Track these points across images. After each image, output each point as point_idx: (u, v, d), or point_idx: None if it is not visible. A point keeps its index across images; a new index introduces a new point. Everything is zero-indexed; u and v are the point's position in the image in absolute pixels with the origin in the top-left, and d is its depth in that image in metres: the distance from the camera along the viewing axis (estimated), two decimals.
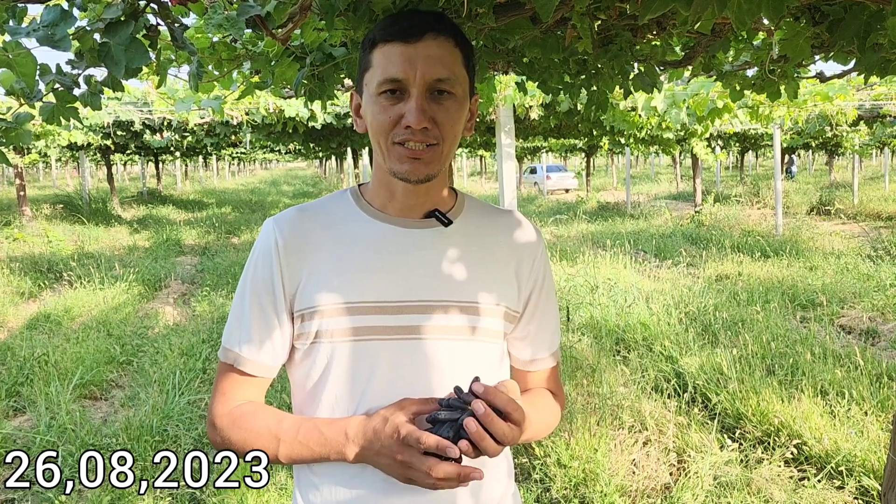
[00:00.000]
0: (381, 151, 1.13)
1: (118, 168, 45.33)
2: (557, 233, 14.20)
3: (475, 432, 1.01)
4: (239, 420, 1.16)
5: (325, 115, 8.30)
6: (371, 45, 1.12)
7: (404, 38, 1.08)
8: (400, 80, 1.08)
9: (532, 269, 1.26)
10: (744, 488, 3.42)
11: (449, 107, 1.11)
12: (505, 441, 1.03)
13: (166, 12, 1.24)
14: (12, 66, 1.16)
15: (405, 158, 1.10)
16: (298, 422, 1.15)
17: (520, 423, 1.05)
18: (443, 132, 1.11)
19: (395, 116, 1.09)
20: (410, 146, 1.09)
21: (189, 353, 5.76)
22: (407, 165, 1.10)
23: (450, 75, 1.10)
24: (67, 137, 12.74)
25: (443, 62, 1.09)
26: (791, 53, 1.69)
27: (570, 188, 29.64)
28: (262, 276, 1.16)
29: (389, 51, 1.09)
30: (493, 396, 1.03)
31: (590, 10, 1.60)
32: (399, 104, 1.09)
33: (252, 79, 2.22)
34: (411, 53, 1.08)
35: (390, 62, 1.08)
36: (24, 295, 8.49)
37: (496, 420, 1.02)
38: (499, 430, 1.02)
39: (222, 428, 1.17)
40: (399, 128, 1.09)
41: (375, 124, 1.11)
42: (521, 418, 1.05)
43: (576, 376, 4.77)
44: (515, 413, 1.04)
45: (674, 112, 7.17)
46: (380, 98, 1.10)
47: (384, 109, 1.09)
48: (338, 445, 1.10)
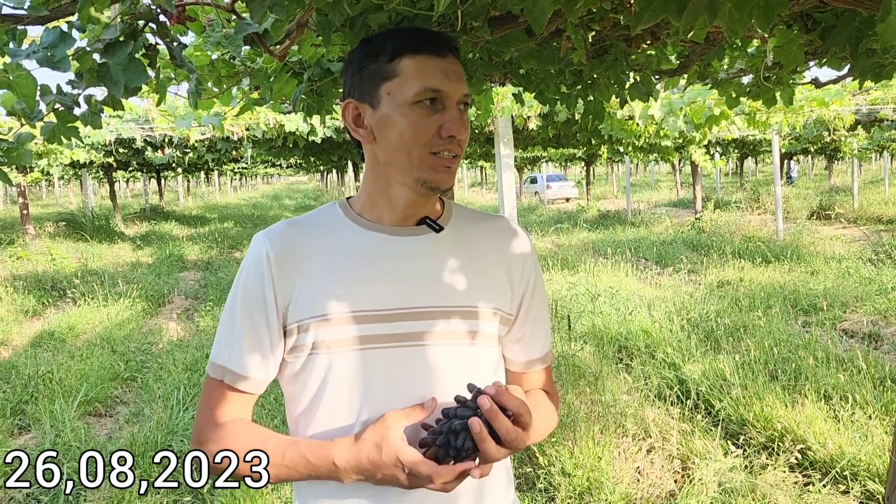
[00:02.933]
0: (409, 161, 1.13)
1: (121, 185, 45.43)
2: (558, 242, 14.21)
3: (479, 433, 1.01)
4: (224, 440, 1.15)
5: (325, 129, 8.33)
6: (393, 55, 1.12)
7: (437, 52, 1.12)
8: (441, 91, 1.11)
9: (523, 271, 1.27)
10: (749, 494, 3.41)
11: (467, 121, 1.16)
12: (509, 441, 1.03)
13: (165, 31, 1.26)
14: (13, 87, 1.17)
15: (441, 168, 1.13)
16: (283, 444, 1.13)
17: (527, 427, 1.05)
18: (462, 145, 1.15)
19: (436, 126, 1.11)
20: (445, 156, 1.13)
21: (193, 368, 5.76)
22: (442, 175, 1.14)
23: (468, 91, 1.16)
24: (70, 155, 12.78)
25: (463, 78, 1.15)
26: (785, 60, 1.71)
27: (571, 197, 29.64)
28: (253, 290, 1.16)
29: (425, 63, 1.11)
30: (503, 397, 1.03)
31: (583, 22, 1.61)
32: (436, 115, 1.12)
33: (251, 95, 2.24)
34: (446, 67, 1.12)
35: (428, 73, 1.11)
36: (28, 313, 8.50)
37: (502, 418, 1.02)
38: (503, 429, 1.02)
39: (206, 442, 1.16)
40: (438, 138, 1.12)
41: (410, 133, 1.11)
42: (529, 422, 1.05)
43: (578, 384, 4.76)
44: (524, 416, 1.04)
45: (671, 120, 7.19)
46: (416, 108, 1.11)
47: (423, 119, 1.11)
48: (328, 473, 1.10)
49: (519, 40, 1.63)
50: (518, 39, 1.63)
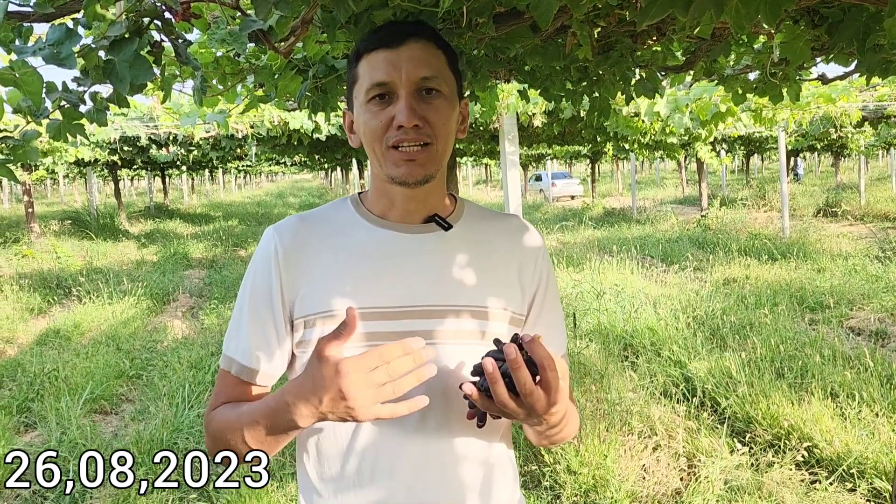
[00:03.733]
0: (377, 158, 1.14)
1: (125, 183, 45.57)
2: (563, 239, 14.19)
3: (490, 373, 0.96)
4: (217, 414, 1.16)
5: (330, 127, 8.33)
6: (356, 59, 1.15)
7: (387, 45, 1.11)
8: (386, 83, 1.10)
9: (534, 271, 1.26)
10: (755, 492, 3.40)
11: (438, 105, 1.12)
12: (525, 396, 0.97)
13: (170, 29, 1.26)
14: (19, 84, 1.17)
15: (401, 161, 1.11)
16: (255, 403, 1.11)
17: (549, 387, 0.98)
18: (435, 131, 1.12)
19: (386, 120, 1.10)
20: (404, 148, 1.10)
21: (198, 366, 5.77)
22: (403, 168, 1.11)
23: (435, 73, 1.12)
24: (74, 154, 12.82)
25: (427, 62, 1.12)
26: (791, 56, 1.70)
27: (576, 195, 29.56)
28: (261, 283, 1.17)
29: (373, 59, 1.11)
30: (534, 346, 0.97)
31: (589, 18, 1.61)
32: (388, 108, 1.11)
33: (256, 92, 2.24)
34: (394, 57, 1.10)
35: (375, 69, 1.11)
36: (33, 311, 8.53)
37: (523, 368, 0.96)
38: (521, 378, 0.96)
39: (207, 424, 1.18)
40: (391, 130, 1.10)
41: (368, 131, 1.13)
42: (554, 381, 0.98)
43: (584, 382, 4.76)
44: (549, 372, 0.97)
45: (677, 117, 7.17)
46: (369, 105, 1.12)
47: (374, 115, 1.11)
48: (284, 415, 1.02)
49: (524, 36, 1.63)
50: (523, 36, 1.62)
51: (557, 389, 0.99)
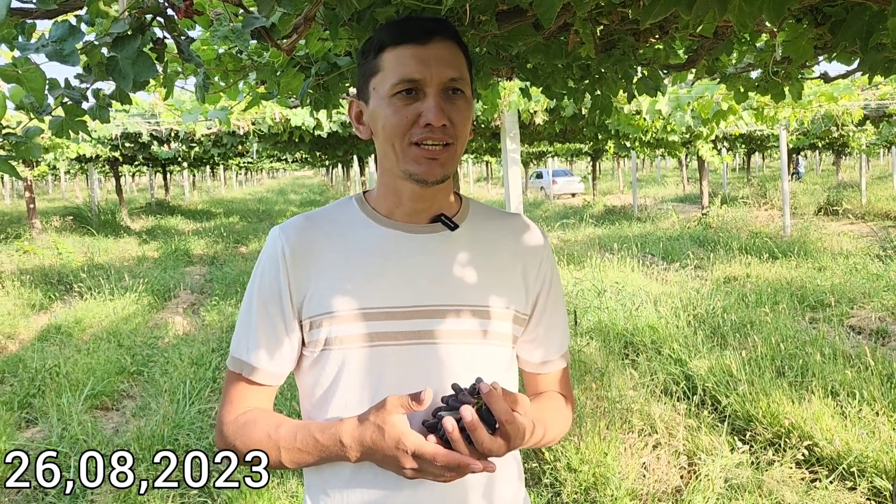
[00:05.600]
0: (395, 153, 1.12)
1: (126, 179, 45.55)
2: (564, 237, 14.19)
3: (451, 432, 0.99)
4: (243, 428, 1.16)
5: (331, 124, 8.34)
6: (378, 50, 1.13)
7: (416, 41, 1.10)
8: (417, 79, 1.09)
9: (539, 271, 1.26)
10: (755, 490, 3.41)
11: (461, 106, 1.12)
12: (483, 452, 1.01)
13: (172, 25, 1.26)
14: (22, 81, 1.17)
15: (422, 159, 1.10)
16: (294, 428, 1.14)
17: (509, 439, 1.02)
18: (457, 131, 1.12)
19: (412, 116, 1.09)
20: (428, 146, 1.10)
21: (199, 362, 5.78)
22: (424, 166, 1.11)
23: (460, 74, 1.12)
24: (76, 150, 12.84)
25: (452, 63, 1.11)
26: (794, 55, 1.70)
27: (577, 192, 29.53)
28: (269, 284, 1.17)
29: (402, 53, 1.10)
30: (493, 400, 1.00)
31: (592, 16, 1.61)
32: (415, 104, 1.10)
33: (258, 89, 2.24)
34: (424, 54, 1.09)
35: (404, 63, 1.09)
36: (34, 307, 8.53)
37: (480, 430, 1.00)
38: (479, 438, 1.00)
39: (228, 436, 1.17)
40: (417, 127, 1.09)
41: (389, 125, 1.11)
42: (515, 433, 1.02)
43: (584, 380, 4.76)
44: (508, 426, 1.01)
45: (678, 115, 7.17)
46: (394, 99, 1.10)
47: (399, 110, 1.10)
48: (337, 452, 1.09)
49: (526, 34, 1.63)
50: (526, 34, 1.62)
51: (518, 437, 1.03)
